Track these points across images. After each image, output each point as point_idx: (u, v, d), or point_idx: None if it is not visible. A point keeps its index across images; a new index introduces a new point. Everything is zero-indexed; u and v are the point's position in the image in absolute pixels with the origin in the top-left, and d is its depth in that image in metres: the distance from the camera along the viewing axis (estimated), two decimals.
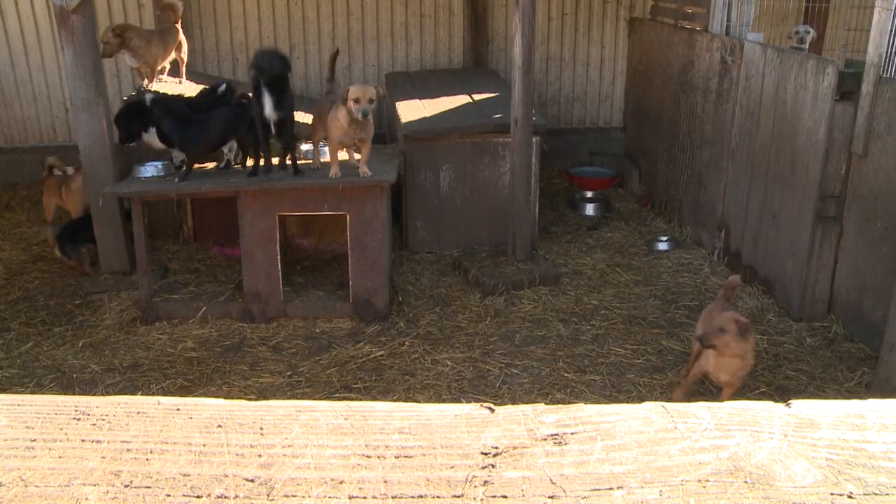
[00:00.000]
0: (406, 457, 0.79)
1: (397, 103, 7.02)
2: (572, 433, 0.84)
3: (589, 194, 7.80)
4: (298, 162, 5.44)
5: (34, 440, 0.86)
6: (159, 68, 6.43)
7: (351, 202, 5.24)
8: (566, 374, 4.81)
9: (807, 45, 6.73)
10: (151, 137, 5.71)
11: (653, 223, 7.42)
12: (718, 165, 6.40)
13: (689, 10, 7.04)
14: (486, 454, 0.80)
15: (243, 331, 5.37)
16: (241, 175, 5.41)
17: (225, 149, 5.65)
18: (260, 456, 0.80)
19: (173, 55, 6.64)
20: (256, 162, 5.39)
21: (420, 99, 7.14)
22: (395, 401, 0.91)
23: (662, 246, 6.72)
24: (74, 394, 4.61)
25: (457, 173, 6.42)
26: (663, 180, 7.52)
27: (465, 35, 8.76)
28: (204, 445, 0.83)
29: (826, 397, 4.44)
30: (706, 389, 4.67)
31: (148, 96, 5.74)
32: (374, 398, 4.58)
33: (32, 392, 4.67)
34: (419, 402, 0.95)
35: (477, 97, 7.18)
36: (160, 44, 6.34)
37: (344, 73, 8.57)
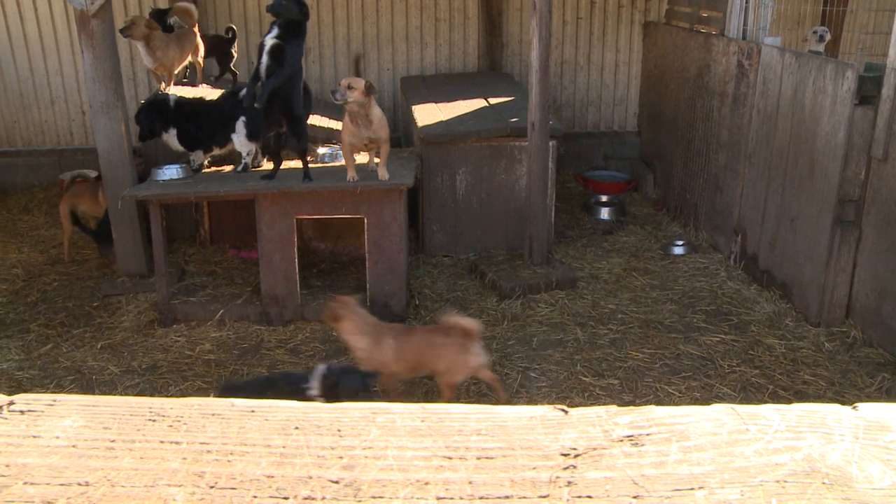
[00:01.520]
0: (487, 458, 0.80)
1: (413, 107, 7.02)
2: (647, 434, 0.85)
3: (604, 198, 7.80)
4: (314, 166, 5.45)
5: (113, 441, 0.87)
6: (176, 72, 6.47)
7: (368, 206, 5.26)
8: (584, 378, 4.80)
9: (822, 48, 6.71)
10: (171, 139, 5.74)
11: (668, 227, 7.41)
12: (735, 169, 6.39)
13: (705, 14, 7.04)
14: (565, 455, 0.80)
15: (261, 333, 5.39)
16: (258, 178, 5.44)
17: (243, 152, 5.67)
18: (341, 458, 0.81)
19: (190, 59, 6.68)
20: (277, 166, 5.42)
21: (436, 102, 7.15)
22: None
23: (678, 250, 6.71)
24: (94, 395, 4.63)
25: (473, 177, 6.43)
26: (678, 184, 7.51)
27: (479, 39, 8.78)
28: (283, 447, 0.84)
29: (847, 402, 4.42)
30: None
31: (172, 97, 5.77)
32: (392, 401, 4.57)
33: (53, 393, 4.69)
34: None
35: (493, 101, 7.19)
36: (177, 48, 6.38)
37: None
